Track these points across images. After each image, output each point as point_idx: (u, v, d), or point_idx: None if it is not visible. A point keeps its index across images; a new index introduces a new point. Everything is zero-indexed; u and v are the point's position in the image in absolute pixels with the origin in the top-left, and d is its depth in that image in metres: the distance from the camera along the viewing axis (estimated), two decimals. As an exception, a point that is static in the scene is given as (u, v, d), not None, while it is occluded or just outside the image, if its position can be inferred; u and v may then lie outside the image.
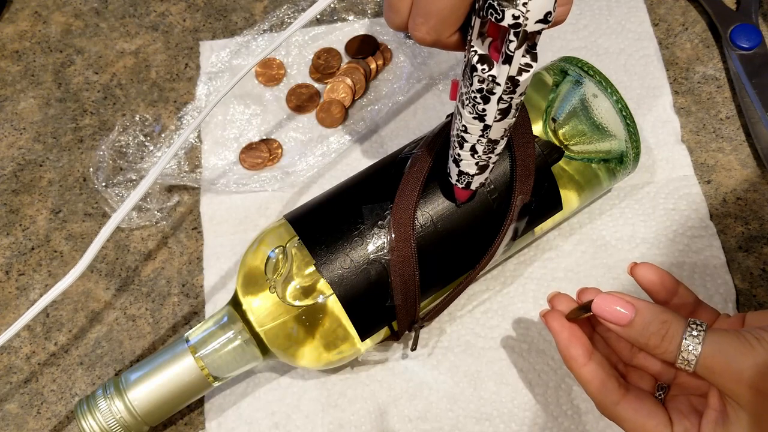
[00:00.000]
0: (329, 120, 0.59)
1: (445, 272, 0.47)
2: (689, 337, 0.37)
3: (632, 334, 0.38)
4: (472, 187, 0.43)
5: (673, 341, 0.38)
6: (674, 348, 0.37)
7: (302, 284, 0.45)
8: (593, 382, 0.41)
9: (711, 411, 0.38)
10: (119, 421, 0.45)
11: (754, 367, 0.36)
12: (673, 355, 0.38)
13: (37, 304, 0.46)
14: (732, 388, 0.36)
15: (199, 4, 0.65)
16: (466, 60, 0.37)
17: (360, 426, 0.50)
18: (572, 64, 0.49)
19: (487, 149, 0.40)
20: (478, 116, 0.37)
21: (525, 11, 0.32)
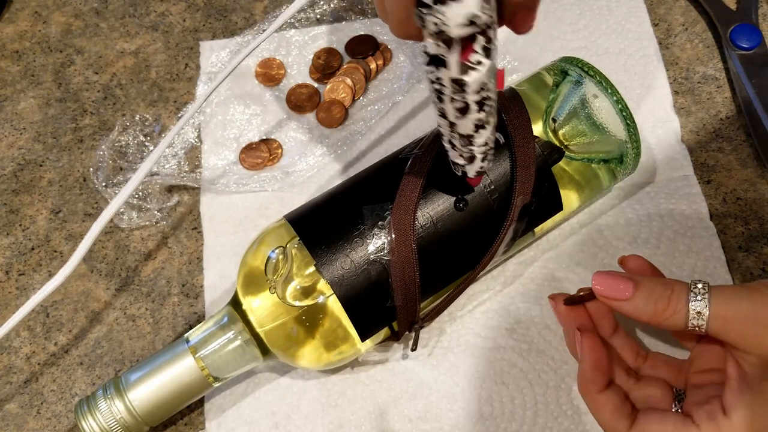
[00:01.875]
0: (329, 120, 0.59)
1: (446, 273, 0.47)
2: (694, 296, 0.37)
3: (639, 304, 0.38)
4: (469, 174, 0.42)
5: (680, 300, 0.37)
6: (683, 307, 0.37)
7: (302, 285, 0.45)
8: (607, 407, 0.40)
9: (732, 381, 0.38)
10: (119, 422, 0.45)
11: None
12: (682, 317, 0.37)
13: (30, 301, 0.46)
14: (749, 334, 0.36)
15: (199, 4, 0.65)
16: None
17: (360, 426, 0.50)
18: (572, 64, 0.49)
19: (464, 143, 0.39)
20: (441, 114, 0.37)
21: (443, 19, 0.31)
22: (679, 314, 0.38)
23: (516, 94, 0.48)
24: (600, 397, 0.40)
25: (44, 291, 0.47)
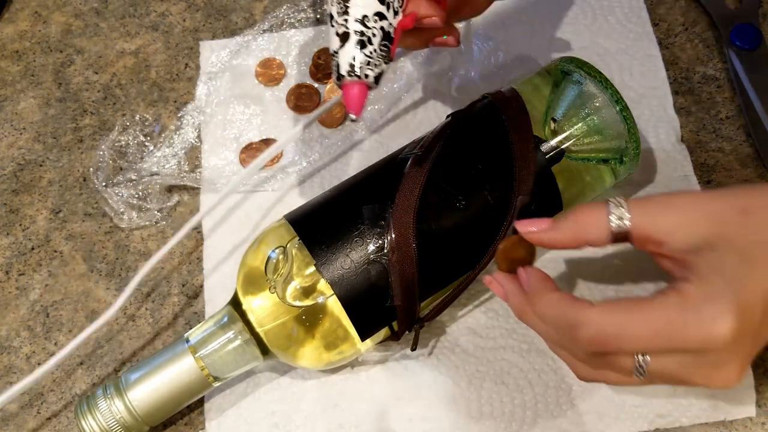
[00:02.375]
0: (329, 120, 0.59)
1: (446, 272, 0.47)
2: (614, 205, 0.38)
3: (562, 226, 0.39)
4: (340, 70, 0.39)
5: (600, 210, 0.38)
6: (603, 214, 0.38)
7: (302, 284, 0.45)
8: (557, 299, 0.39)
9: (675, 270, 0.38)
10: (119, 422, 0.45)
11: (689, 194, 0.38)
12: (604, 222, 0.38)
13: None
14: (670, 221, 0.37)
15: (199, 4, 0.65)
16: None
17: (360, 426, 0.50)
18: (572, 64, 0.49)
19: (340, 9, 0.39)
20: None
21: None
22: (601, 222, 0.38)
23: (516, 94, 0.48)
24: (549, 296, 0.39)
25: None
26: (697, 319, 0.35)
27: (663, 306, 0.36)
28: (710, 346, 0.35)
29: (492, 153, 0.46)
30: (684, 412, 0.48)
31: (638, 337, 0.36)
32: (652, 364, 0.37)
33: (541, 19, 0.62)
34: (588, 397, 0.49)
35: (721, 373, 0.36)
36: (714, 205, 0.37)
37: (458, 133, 0.47)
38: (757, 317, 0.35)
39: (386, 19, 0.39)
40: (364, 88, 0.40)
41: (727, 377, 0.36)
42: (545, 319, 0.39)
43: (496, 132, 0.47)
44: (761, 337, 0.36)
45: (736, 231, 0.36)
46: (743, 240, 0.36)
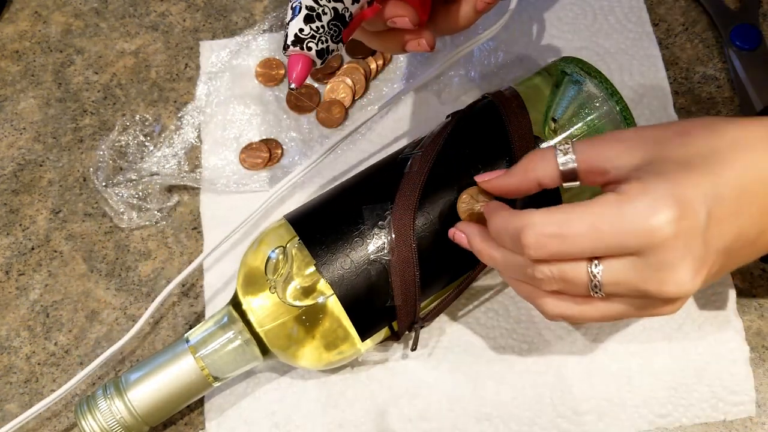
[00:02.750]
0: (329, 120, 0.59)
1: (446, 272, 0.47)
2: (560, 144, 0.39)
3: (514, 170, 0.41)
4: (287, 40, 0.40)
5: (547, 151, 0.39)
6: (550, 152, 0.39)
7: (302, 284, 0.45)
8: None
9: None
10: (119, 422, 0.45)
11: (631, 128, 0.39)
12: (551, 159, 0.39)
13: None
14: (616, 149, 0.38)
15: (199, 4, 0.65)
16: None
17: (360, 426, 0.50)
18: (572, 64, 0.49)
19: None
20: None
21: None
22: (548, 158, 0.39)
23: (516, 93, 0.48)
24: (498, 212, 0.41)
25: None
26: (634, 211, 0.35)
27: (601, 203, 0.36)
28: (652, 239, 0.35)
29: (492, 153, 0.46)
30: (684, 412, 0.49)
31: (578, 234, 0.36)
32: (605, 273, 0.36)
33: (541, 19, 0.62)
34: (588, 397, 0.49)
35: (672, 275, 0.35)
36: (654, 132, 0.39)
37: (458, 133, 0.48)
38: (701, 217, 0.35)
39: (341, 2, 0.41)
40: (307, 61, 0.41)
41: (679, 279, 0.35)
42: (497, 236, 0.40)
43: (496, 132, 0.47)
44: (713, 244, 0.36)
45: (675, 148, 0.37)
46: (683, 153, 0.37)
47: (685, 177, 0.36)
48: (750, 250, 0.39)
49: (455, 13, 0.48)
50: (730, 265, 0.39)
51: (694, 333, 0.50)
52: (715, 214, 0.36)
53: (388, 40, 0.47)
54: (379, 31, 0.47)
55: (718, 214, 0.36)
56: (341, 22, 0.41)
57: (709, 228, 0.35)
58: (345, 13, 0.41)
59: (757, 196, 0.37)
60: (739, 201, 0.36)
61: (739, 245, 0.37)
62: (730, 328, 0.50)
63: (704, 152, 0.37)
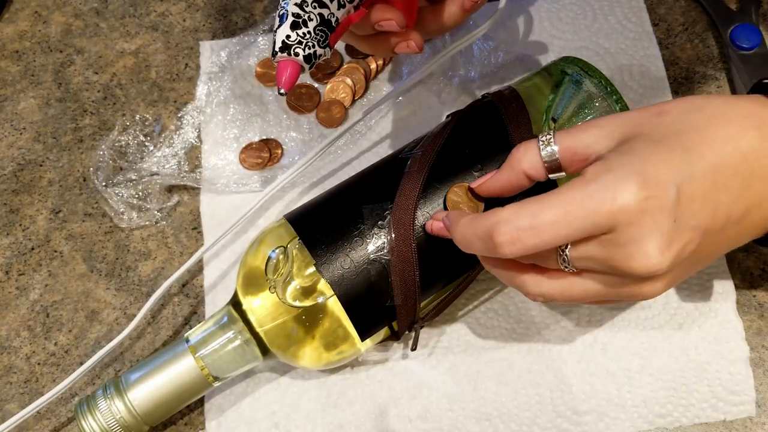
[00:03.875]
0: (329, 120, 0.59)
1: (446, 272, 0.47)
2: (541, 136, 0.40)
3: (502, 168, 0.41)
4: (275, 47, 0.41)
5: (530, 141, 0.40)
6: (533, 144, 0.40)
7: (302, 285, 0.45)
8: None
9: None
10: (119, 422, 0.45)
11: (611, 115, 0.39)
12: (534, 149, 0.39)
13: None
14: (596, 134, 0.38)
15: (199, 4, 0.65)
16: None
17: (360, 426, 0.50)
18: (572, 64, 0.49)
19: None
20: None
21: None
22: (531, 150, 0.39)
23: (516, 93, 0.48)
24: (462, 221, 0.40)
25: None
26: (600, 188, 0.35)
27: (569, 187, 0.36)
28: (618, 216, 0.35)
29: (492, 153, 0.46)
30: (684, 412, 0.49)
31: (551, 222, 0.36)
32: (572, 251, 0.37)
33: (541, 19, 0.62)
34: (588, 397, 0.49)
35: (638, 249, 0.35)
36: (632, 114, 0.39)
37: (458, 133, 0.48)
38: (670, 194, 0.35)
39: (327, 8, 0.41)
40: (295, 67, 0.41)
41: (646, 254, 0.35)
42: (466, 243, 0.40)
43: (496, 132, 0.47)
44: (685, 221, 0.35)
45: (650, 127, 0.37)
46: (656, 131, 0.37)
47: (654, 153, 0.36)
48: (737, 229, 0.38)
49: (441, 14, 0.48)
50: (715, 245, 0.38)
51: (694, 333, 0.50)
52: (685, 191, 0.35)
53: (376, 44, 0.48)
54: (368, 35, 0.47)
55: (690, 190, 0.35)
56: (328, 28, 0.42)
57: (680, 204, 0.35)
58: (331, 19, 0.42)
59: (738, 171, 0.36)
60: (715, 177, 0.36)
61: (720, 223, 0.37)
62: (730, 328, 0.50)
63: (680, 129, 0.37)
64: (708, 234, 0.36)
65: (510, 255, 0.37)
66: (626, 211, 0.34)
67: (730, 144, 0.36)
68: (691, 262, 0.38)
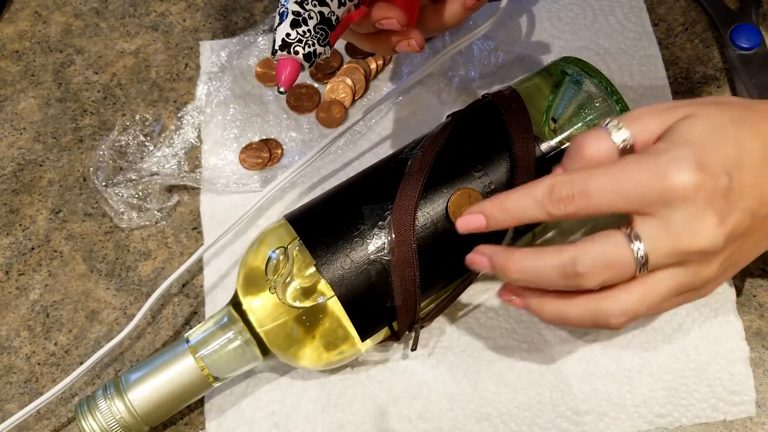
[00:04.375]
0: (329, 120, 0.59)
1: (446, 273, 0.47)
2: (614, 130, 0.40)
3: (571, 166, 0.40)
4: (275, 45, 0.41)
5: (601, 134, 0.40)
6: (600, 129, 0.40)
7: (303, 285, 0.45)
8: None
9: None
10: (119, 422, 0.45)
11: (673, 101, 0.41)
12: (610, 148, 0.40)
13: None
14: (659, 119, 0.40)
15: (199, 4, 0.65)
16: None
17: (360, 426, 0.50)
18: (572, 64, 0.49)
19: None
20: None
21: None
22: (603, 139, 0.40)
23: (516, 93, 0.48)
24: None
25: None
26: (654, 166, 0.37)
27: (623, 160, 0.38)
28: (672, 193, 0.37)
29: (492, 153, 0.46)
30: (684, 412, 0.49)
31: (600, 188, 0.38)
32: (645, 242, 0.38)
33: (541, 19, 0.62)
34: (588, 397, 0.49)
35: (700, 225, 0.37)
36: (695, 102, 0.41)
37: (458, 133, 0.48)
38: (722, 178, 0.37)
39: (327, 6, 0.41)
40: (295, 65, 0.41)
41: (708, 228, 0.37)
42: (537, 277, 0.40)
43: (496, 132, 0.47)
44: (735, 201, 0.38)
45: (710, 111, 0.39)
46: (716, 118, 0.39)
47: (710, 141, 0.38)
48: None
49: (443, 12, 0.48)
50: (760, 232, 0.40)
51: (694, 333, 0.50)
52: (736, 177, 0.38)
53: (377, 42, 0.48)
54: (368, 33, 0.47)
55: (740, 177, 0.38)
56: (328, 26, 0.42)
57: (731, 188, 0.37)
58: (331, 17, 0.42)
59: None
60: (763, 167, 0.38)
61: (766, 210, 0.39)
62: (730, 328, 0.50)
63: (735, 119, 0.39)
64: (755, 217, 0.39)
65: (555, 213, 0.39)
66: (680, 188, 0.37)
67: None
68: (740, 247, 0.40)
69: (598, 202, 0.38)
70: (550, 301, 0.41)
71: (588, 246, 0.38)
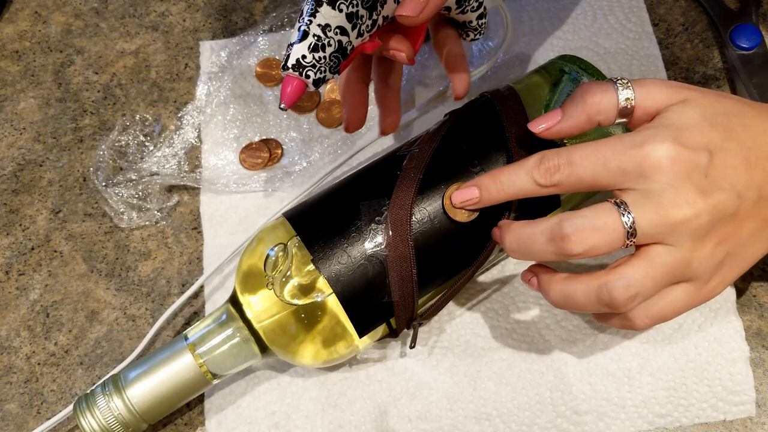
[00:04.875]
0: (329, 120, 0.59)
1: (443, 269, 0.47)
2: (621, 87, 0.41)
3: (574, 113, 0.42)
4: (289, 62, 0.41)
5: (609, 88, 0.41)
6: (610, 88, 0.41)
7: (301, 282, 0.45)
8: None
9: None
10: (118, 419, 0.45)
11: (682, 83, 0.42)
12: (613, 97, 0.41)
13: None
14: (666, 92, 0.41)
15: (199, 4, 0.65)
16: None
17: (360, 426, 0.49)
18: (570, 62, 0.49)
19: (310, 11, 0.41)
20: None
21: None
22: (611, 103, 0.41)
23: (513, 91, 0.48)
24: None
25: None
26: (634, 138, 0.39)
27: (606, 137, 0.40)
28: (646, 163, 0.38)
29: (489, 149, 0.46)
30: (684, 412, 0.48)
31: (583, 156, 0.39)
32: (634, 211, 0.38)
33: (541, 19, 0.62)
34: (588, 397, 0.49)
35: (678, 195, 0.38)
36: (699, 89, 0.41)
37: (456, 130, 0.48)
38: (702, 155, 0.38)
39: (347, 36, 0.42)
40: (301, 85, 0.42)
41: (685, 200, 0.38)
42: (528, 244, 0.41)
43: (492, 129, 0.47)
44: (716, 181, 0.38)
45: (709, 101, 0.40)
46: (712, 106, 0.40)
47: (698, 124, 0.39)
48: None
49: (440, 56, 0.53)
50: (753, 221, 0.40)
51: (694, 333, 0.50)
52: (718, 158, 0.39)
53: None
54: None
55: (722, 158, 0.39)
56: (342, 55, 0.42)
57: (712, 166, 0.38)
58: (348, 47, 0.42)
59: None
60: (748, 156, 0.40)
61: (754, 195, 0.39)
62: (730, 328, 0.50)
63: (729, 111, 0.40)
64: (743, 200, 0.39)
65: (542, 183, 0.40)
66: (655, 160, 0.38)
67: (767, 134, 0.40)
68: (735, 231, 0.40)
69: (582, 171, 0.39)
70: (558, 279, 0.42)
71: (577, 212, 0.39)
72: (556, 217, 0.40)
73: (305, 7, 0.41)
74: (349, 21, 0.41)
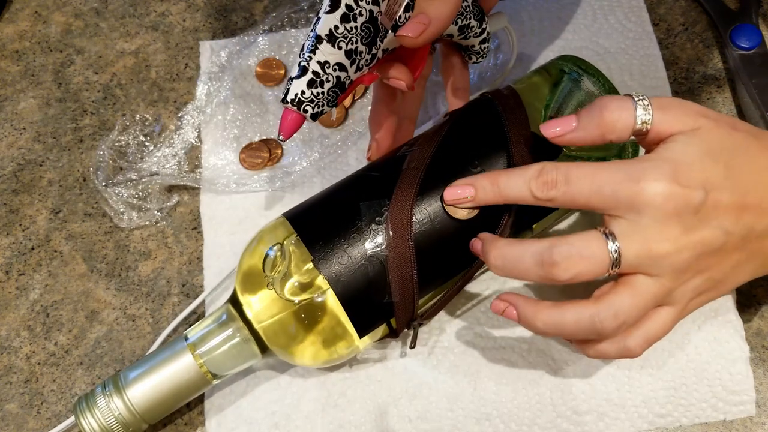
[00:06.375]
0: (329, 120, 0.59)
1: (444, 269, 0.47)
2: (641, 108, 0.40)
3: (588, 125, 0.41)
4: (287, 96, 0.42)
5: (628, 104, 0.40)
6: (629, 105, 0.40)
7: (300, 281, 0.45)
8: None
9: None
10: (118, 419, 0.45)
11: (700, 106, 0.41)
12: (631, 115, 0.40)
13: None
14: (683, 110, 0.40)
15: (199, 4, 0.65)
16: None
17: (360, 426, 0.49)
18: (570, 62, 0.49)
19: (310, 48, 0.41)
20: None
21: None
22: (628, 121, 0.40)
23: (514, 91, 0.48)
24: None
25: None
26: (634, 168, 0.39)
27: (609, 162, 0.40)
28: (640, 197, 0.38)
29: (489, 150, 0.46)
30: (684, 412, 0.48)
31: (580, 176, 0.39)
32: (609, 222, 0.39)
33: (541, 19, 0.62)
34: (588, 397, 0.49)
35: (662, 232, 0.38)
36: (713, 117, 0.41)
37: (456, 131, 0.48)
38: (697, 194, 0.38)
39: (345, 71, 0.42)
40: (300, 119, 0.43)
41: (667, 237, 0.38)
42: (515, 264, 0.41)
43: (493, 129, 0.47)
44: (708, 221, 0.39)
45: (719, 134, 0.40)
46: (720, 140, 0.40)
47: (700, 160, 0.39)
48: (761, 245, 0.41)
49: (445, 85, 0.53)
50: (739, 252, 0.40)
51: (694, 333, 0.50)
52: (712, 197, 0.38)
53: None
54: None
55: (717, 198, 0.38)
56: (340, 89, 0.43)
57: (705, 205, 0.38)
58: (346, 81, 0.43)
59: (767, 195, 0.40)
60: (745, 196, 0.39)
61: (742, 231, 0.39)
62: (730, 328, 0.50)
63: (734, 146, 0.40)
64: (730, 235, 0.39)
65: (540, 197, 0.40)
66: (649, 196, 0.38)
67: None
68: (718, 264, 0.40)
69: (576, 192, 0.39)
70: (544, 308, 0.41)
71: (566, 237, 0.40)
72: (546, 242, 0.40)
73: (306, 42, 0.42)
74: (348, 57, 0.42)
